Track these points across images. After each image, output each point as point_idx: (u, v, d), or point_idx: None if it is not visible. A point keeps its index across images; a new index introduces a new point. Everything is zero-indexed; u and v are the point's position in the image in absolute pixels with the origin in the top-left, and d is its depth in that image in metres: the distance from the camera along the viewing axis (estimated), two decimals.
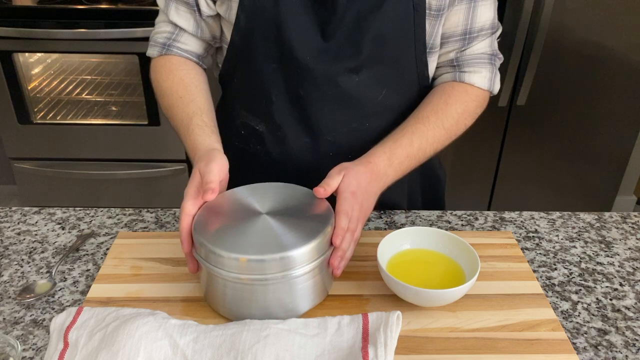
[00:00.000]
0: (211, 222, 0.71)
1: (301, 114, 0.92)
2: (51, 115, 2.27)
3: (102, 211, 0.97)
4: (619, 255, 0.88)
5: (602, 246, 0.90)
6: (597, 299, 0.79)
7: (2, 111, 2.18)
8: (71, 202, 2.38)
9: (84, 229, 0.92)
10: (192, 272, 0.74)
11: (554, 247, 0.90)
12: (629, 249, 0.90)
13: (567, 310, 0.77)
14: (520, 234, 0.93)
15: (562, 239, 0.92)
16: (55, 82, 2.34)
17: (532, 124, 2.09)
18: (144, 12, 1.99)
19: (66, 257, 0.85)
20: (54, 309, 0.76)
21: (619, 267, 0.86)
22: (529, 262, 0.86)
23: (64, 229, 0.93)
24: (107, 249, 0.87)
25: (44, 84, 2.31)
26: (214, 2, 0.90)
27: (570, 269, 0.85)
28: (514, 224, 0.95)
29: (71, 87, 2.34)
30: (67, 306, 0.76)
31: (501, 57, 0.97)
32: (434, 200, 1.11)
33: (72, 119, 2.28)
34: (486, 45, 0.94)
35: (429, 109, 0.91)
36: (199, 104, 0.89)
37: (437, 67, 0.97)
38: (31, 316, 0.74)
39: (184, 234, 0.71)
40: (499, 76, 0.97)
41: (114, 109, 2.32)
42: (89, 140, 2.25)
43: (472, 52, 0.93)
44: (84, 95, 2.33)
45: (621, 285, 0.82)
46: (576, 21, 1.89)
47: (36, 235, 0.91)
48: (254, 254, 0.66)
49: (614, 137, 2.11)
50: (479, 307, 0.75)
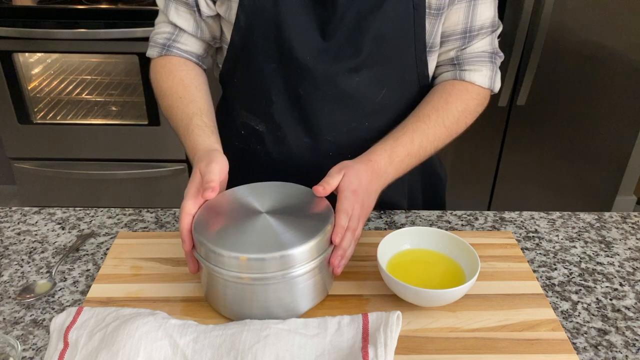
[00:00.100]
0: (211, 222, 0.71)
1: (301, 113, 0.92)
2: (51, 115, 2.27)
3: (102, 211, 0.97)
4: (619, 255, 0.88)
5: (602, 246, 0.90)
6: (597, 299, 0.79)
7: (2, 111, 2.18)
8: (71, 202, 2.38)
9: (84, 229, 0.92)
10: (192, 272, 0.74)
11: (554, 247, 0.90)
12: (629, 249, 0.90)
13: (567, 310, 0.77)
14: (520, 234, 0.93)
15: (562, 239, 0.92)
16: (55, 82, 2.34)
17: (532, 124, 2.09)
18: (144, 12, 1.99)
19: (66, 257, 0.85)
20: (54, 309, 0.76)
21: (619, 267, 0.86)
22: (529, 262, 0.86)
23: (64, 229, 0.92)
24: (107, 249, 0.87)
25: (44, 84, 2.31)
26: (214, 2, 0.90)
27: (570, 269, 0.85)
28: (514, 224, 0.95)
29: (71, 87, 2.34)
30: (67, 306, 0.76)
31: (502, 55, 0.97)
32: (435, 199, 1.11)
33: (72, 119, 2.28)
34: (486, 43, 0.94)
35: (429, 107, 0.91)
36: (198, 105, 0.88)
37: (437, 66, 0.97)
38: (31, 316, 0.74)
39: (184, 233, 0.71)
40: (499, 74, 0.97)
41: (114, 109, 2.32)
42: (89, 140, 2.25)
43: (472, 50, 0.93)
44: (84, 95, 2.33)
45: (621, 285, 0.82)
46: (576, 21, 1.89)
47: (36, 235, 0.91)
48: (254, 252, 0.66)
49: (614, 137, 2.11)
50: (479, 307, 0.75)
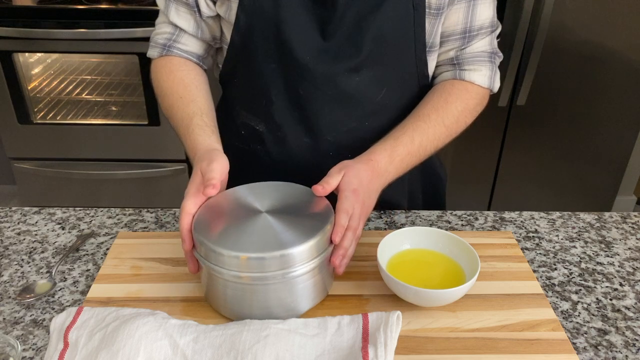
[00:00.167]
0: (211, 221, 0.71)
1: (301, 113, 0.92)
2: (51, 115, 2.27)
3: (102, 211, 0.97)
4: (619, 255, 0.88)
5: (602, 246, 0.90)
6: (597, 299, 0.79)
7: (2, 111, 2.18)
8: (71, 202, 2.38)
9: (84, 229, 0.92)
10: (192, 272, 0.74)
11: (554, 247, 0.90)
12: (629, 249, 0.90)
13: (567, 310, 0.77)
14: (520, 234, 0.93)
15: (562, 239, 0.92)
16: (55, 82, 2.34)
17: (532, 124, 2.09)
18: (144, 12, 1.99)
19: (66, 257, 0.85)
20: (54, 309, 0.76)
21: (619, 267, 0.86)
22: (529, 262, 0.86)
23: (64, 229, 0.92)
24: (107, 249, 0.87)
25: (44, 84, 2.31)
26: (214, 2, 0.90)
27: (570, 269, 0.85)
28: (514, 224, 0.95)
29: (71, 87, 2.34)
30: (67, 306, 0.76)
31: (501, 55, 0.97)
32: (435, 199, 1.11)
33: (72, 119, 2.28)
34: (486, 43, 0.94)
35: (429, 106, 0.91)
36: (199, 104, 0.89)
37: (437, 66, 0.97)
38: (31, 316, 0.74)
39: (184, 232, 0.71)
40: (499, 74, 0.97)
41: (114, 109, 2.32)
42: (89, 140, 2.25)
43: (472, 50, 0.93)
44: (84, 95, 2.33)
45: (621, 285, 0.82)
46: (576, 21, 1.89)
47: (36, 235, 0.91)
48: (253, 251, 0.66)
49: (614, 137, 2.11)
50: (479, 307, 0.75)
